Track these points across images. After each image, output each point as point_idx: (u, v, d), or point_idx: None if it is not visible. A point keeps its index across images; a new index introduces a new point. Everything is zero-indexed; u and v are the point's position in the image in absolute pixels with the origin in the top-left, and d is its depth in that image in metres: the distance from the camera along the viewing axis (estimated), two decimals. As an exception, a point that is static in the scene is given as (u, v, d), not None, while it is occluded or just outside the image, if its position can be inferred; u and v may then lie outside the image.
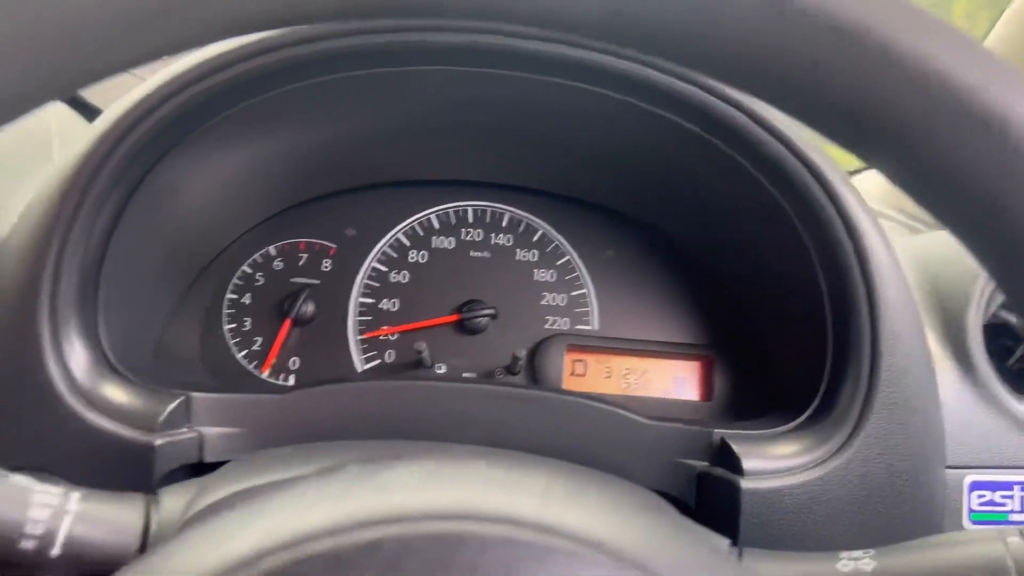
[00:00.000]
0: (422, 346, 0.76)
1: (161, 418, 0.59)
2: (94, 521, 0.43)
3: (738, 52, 0.25)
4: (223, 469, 0.53)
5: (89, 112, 0.96)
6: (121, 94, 0.62)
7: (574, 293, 0.83)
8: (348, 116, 0.72)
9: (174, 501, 0.49)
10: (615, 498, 0.26)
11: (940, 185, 0.24)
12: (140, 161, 0.62)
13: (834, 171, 0.62)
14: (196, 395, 0.62)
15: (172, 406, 0.60)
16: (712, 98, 0.61)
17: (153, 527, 0.46)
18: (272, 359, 0.79)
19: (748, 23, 0.24)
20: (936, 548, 0.44)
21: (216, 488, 0.50)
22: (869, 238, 0.61)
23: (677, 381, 0.81)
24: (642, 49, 0.26)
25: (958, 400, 0.68)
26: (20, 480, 0.42)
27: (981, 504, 0.67)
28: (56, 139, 0.82)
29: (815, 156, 0.61)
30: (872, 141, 0.25)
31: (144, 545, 0.46)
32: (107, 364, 0.61)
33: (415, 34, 0.60)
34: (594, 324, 0.83)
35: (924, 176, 0.25)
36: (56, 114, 0.86)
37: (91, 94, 0.99)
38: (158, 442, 0.58)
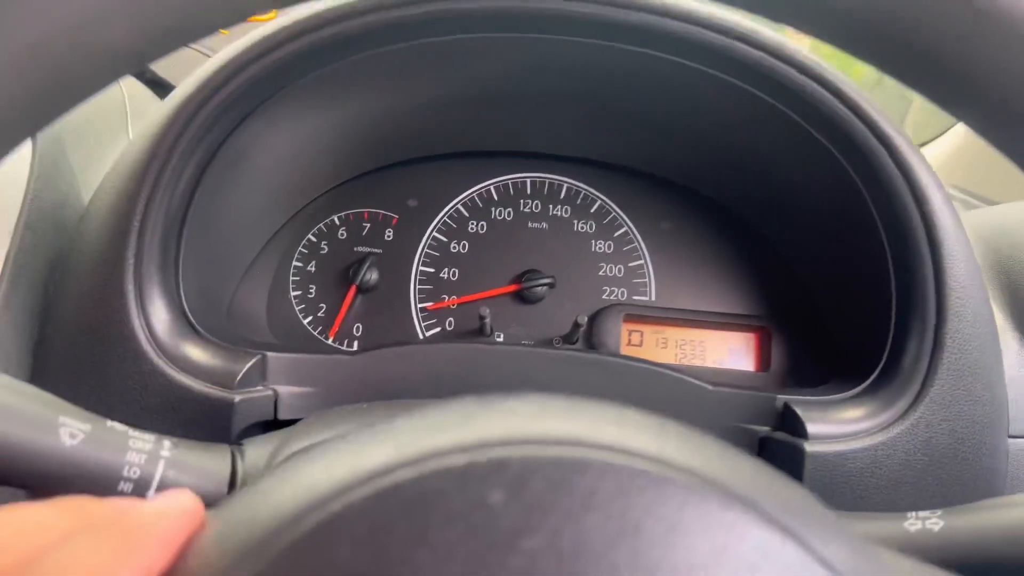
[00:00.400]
0: (486, 311, 0.77)
1: (239, 376, 0.60)
2: (185, 468, 0.45)
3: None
4: (303, 422, 0.55)
5: (162, 89, 0.98)
6: (190, 72, 0.64)
7: (631, 264, 0.84)
8: (414, 86, 0.73)
9: (258, 452, 0.51)
10: (721, 443, 0.27)
11: None
12: (218, 128, 0.64)
13: (903, 139, 0.61)
14: (271, 354, 0.63)
15: (249, 364, 0.61)
16: (781, 64, 0.61)
17: (240, 475, 0.49)
18: (338, 324, 0.81)
19: None
20: (1004, 508, 0.44)
21: (299, 439, 0.52)
22: (937, 205, 0.61)
23: (733, 352, 0.82)
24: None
25: (1020, 370, 0.68)
26: (117, 426, 0.44)
27: (1043, 474, 0.67)
28: (130, 114, 0.85)
29: (885, 124, 0.61)
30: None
31: (231, 492, 0.48)
32: (187, 323, 0.63)
33: (487, 1, 0.60)
34: (651, 295, 0.83)
35: None
36: (130, 90, 0.88)
37: (165, 72, 1.01)
38: (237, 399, 0.59)
